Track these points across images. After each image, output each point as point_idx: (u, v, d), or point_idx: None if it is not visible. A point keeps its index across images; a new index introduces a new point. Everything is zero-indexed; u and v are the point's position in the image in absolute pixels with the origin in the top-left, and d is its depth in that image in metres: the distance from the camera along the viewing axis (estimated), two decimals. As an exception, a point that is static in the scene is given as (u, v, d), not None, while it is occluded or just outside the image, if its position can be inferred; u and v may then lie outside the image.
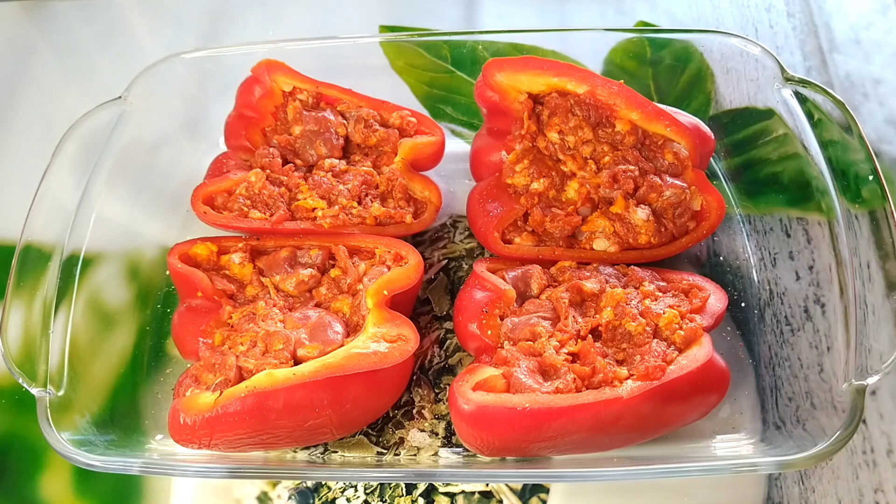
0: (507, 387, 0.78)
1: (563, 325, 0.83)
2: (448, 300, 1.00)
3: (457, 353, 0.96)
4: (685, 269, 0.96)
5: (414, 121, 1.02)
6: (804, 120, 0.92)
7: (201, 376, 0.83)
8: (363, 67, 1.12)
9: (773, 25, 1.25)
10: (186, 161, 1.11)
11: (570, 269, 0.90)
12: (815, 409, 0.84)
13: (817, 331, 0.90)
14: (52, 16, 1.36)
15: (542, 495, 0.88)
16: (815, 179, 0.91)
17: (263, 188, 0.97)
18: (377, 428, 0.91)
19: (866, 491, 0.86)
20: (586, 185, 0.94)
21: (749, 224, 1.03)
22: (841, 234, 0.85)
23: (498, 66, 0.93)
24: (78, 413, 0.85)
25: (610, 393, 0.75)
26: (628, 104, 0.92)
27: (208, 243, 0.94)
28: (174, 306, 0.96)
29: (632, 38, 1.09)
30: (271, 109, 1.03)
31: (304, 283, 0.91)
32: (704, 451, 0.87)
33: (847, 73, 1.18)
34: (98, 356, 0.94)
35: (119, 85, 1.02)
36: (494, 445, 0.77)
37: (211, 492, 0.91)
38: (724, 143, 1.08)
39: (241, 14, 1.34)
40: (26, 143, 1.21)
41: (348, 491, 0.89)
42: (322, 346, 0.83)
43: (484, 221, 0.95)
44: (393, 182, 0.98)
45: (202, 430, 0.77)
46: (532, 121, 0.95)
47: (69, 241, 0.92)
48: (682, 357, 0.79)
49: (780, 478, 0.87)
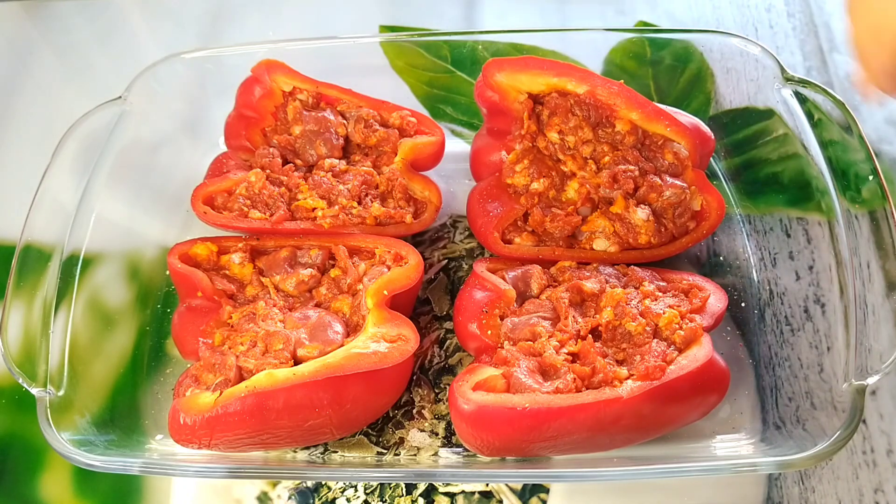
0: (507, 387, 0.78)
1: (563, 325, 0.83)
2: (448, 300, 1.00)
3: (457, 353, 0.96)
4: (685, 269, 0.96)
5: (414, 121, 1.02)
6: (804, 120, 0.92)
7: (201, 376, 0.83)
8: (363, 67, 1.12)
9: (773, 25, 1.25)
10: (186, 161, 1.11)
11: (570, 269, 0.90)
12: (815, 409, 0.84)
13: (817, 331, 0.90)
14: (52, 16, 1.36)
15: (542, 495, 0.88)
16: (815, 179, 0.91)
17: (263, 188, 0.97)
18: (377, 428, 0.91)
19: (866, 491, 0.86)
20: (586, 185, 0.94)
21: (749, 224, 1.03)
22: (841, 234, 0.85)
23: (498, 66, 0.93)
24: (78, 413, 0.85)
25: (610, 393, 0.75)
26: (628, 104, 0.92)
27: (208, 243, 0.94)
28: (174, 306, 0.96)
29: (632, 38, 1.08)
30: (271, 109, 1.03)
31: (304, 283, 0.91)
32: (704, 451, 0.87)
33: (847, 73, 1.18)
34: (98, 356, 0.94)
35: (119, 85, 1.02)
36: (494, 445, 0.77)
37: (211, 492, 0.91)
38: (724, 143, 1.08)
39: (241, 14, 1.34)
40: (26, 143, 1.21)
41: (348, 491, 0.89)
42: (322, 346, 0.83)
43: (484, 221, 0.95)
44: (393, 182, 0.98)
45: (202, 430, 0.77)
46: (532, 121, 0.95)
47: (69, 241, 0.92)
48: (682, 357, 0.79)
49: (780, 478, 0.87)
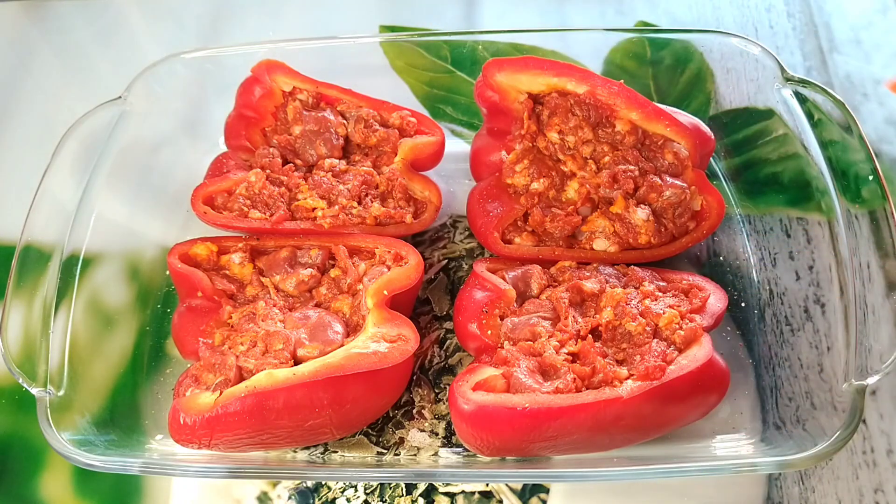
0: (507, 387, 0.78)
1: (563, 325, 0.83)
2: (448, 300, 1.00)
3: (457, 353, 0.96)
4: (685, 269, 0.96)
5: (414, 121, 1.02)
6: (804, 120, 0.92)
7: (201, 376, 0.83)
8: (363, 67, 1.12)
9: (773, 25, 1.25)
10: (186, 161, 1.11)
11: (570, 269, 0.90)
12: (815, 409, 0.84)
13: (817, 331, 0.90)
14: (52, 16, 1.36)
15: (542, 495, 0.88)
16: (815, 179, 0.91)
17: (263, 188, 0.97)
18: (377, 428, 0.91)
19: (866, 491, 0.86)
20: (586, 185, 0.94)
21: (749, 224, 1.03)
22: (841, 234, 0.85)
23: (498, 66, 0.93)
24: (78, 413, 0.85)
25: (610, 393, 0.75)
26: (628, 104, 0.92)
27: (208, 243, 0.94)
28: (174, 306, 0.96)
29: (632, 38, 1.09)
30: (271, 109, 1.03)
31: (304, 283, 0.91)
32: (704, 451, 0.87)
33: (847, 73, 1.18)
34: (98, 356, 0.94)
35: (119, 85, 1.02)
36: (494, 445, 0.77)
37: (211, 492, 0.91)
38: (724, 143, 1.08)
39: (241, 14, 1.34)
40: (26, 143, 1.21)
41: (348, 491, 0.89)
42: (322, 346, 0.83)
43: (484, 221, 0.95)
44: (393, 182, 0.98)
45: (202, 430, 0.77)
46: (532, 121, 0.95)
47: (69, 241, 0.92)
48: (682, 357, 0.79)
49: (780, 478, 0.87)
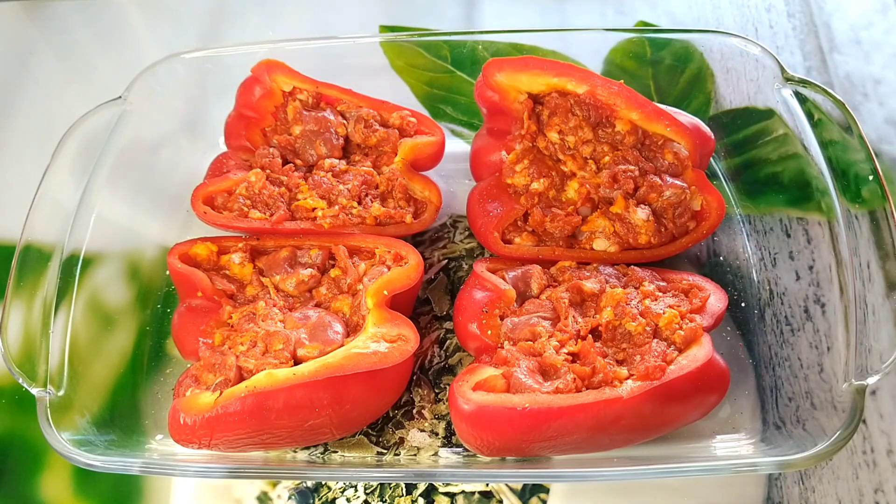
0: (507, 387, 0.78)
1: (563, 325, 0.83)
2: (448, 300, 1.00)
3: (457, 353, 0.96)
4: (685, 269, 0.96)
5: (414, 121, 1.02)
6: (804, 120, 0.92)
7: (201, 376, 0.83)
8: (363, 67, 1.12)
9: (773, 25, 1.25)
10: (186, 161, 1.11)
11: (570, 269, 0.90)
12: (815, 409, 0.84)
13: (817, 331, 0.90)
14: (52, 16, 1.36)
15: (542, 495, 0.88)
16: (815, 179, 0.91)
17: (263, 188, 0.97)
18: (377, 428, 0.91)
19: (866, 491, 0.86)
20: (586, 185, 0.94)
21: (749, 224, 1.03)
22: (841, 234, 0.85)
23: (498, 66, 0.93)
24: (78, 413, 0.85)
25: (610, 393, 0.75)
26: (628, 104, 0.92)
27: (208, 243, 0.94)
28: (174, 306, 0.96)
29: (632, 38, 1.09)
30: (271, 109, 1.03)
31: (304, 283, 0.91)
32: (704, 451, 0.87)
33: (847, 73, 1.18)
34: (98, 356, 0.94)
35: (119, 85, 1.02)
36: (494, 445, 0.77)
37: (211, 492, 0.91)
38: (724, 143, 1.08)
39: (241, 14, 1.34)
40: (26, 143, 1.21)
41: (348, 491, 0.89)
42: (322, 346, 0.83)
43: (484, 221, 0.95)
44: (393, 182, 0.98)
45: (202, 430, 0.77)
46: (532, 121, 0.95)
47: (69, 241, 0.92)
48: (682, 357, 0.79)
49: (780, 478, 0.87)
